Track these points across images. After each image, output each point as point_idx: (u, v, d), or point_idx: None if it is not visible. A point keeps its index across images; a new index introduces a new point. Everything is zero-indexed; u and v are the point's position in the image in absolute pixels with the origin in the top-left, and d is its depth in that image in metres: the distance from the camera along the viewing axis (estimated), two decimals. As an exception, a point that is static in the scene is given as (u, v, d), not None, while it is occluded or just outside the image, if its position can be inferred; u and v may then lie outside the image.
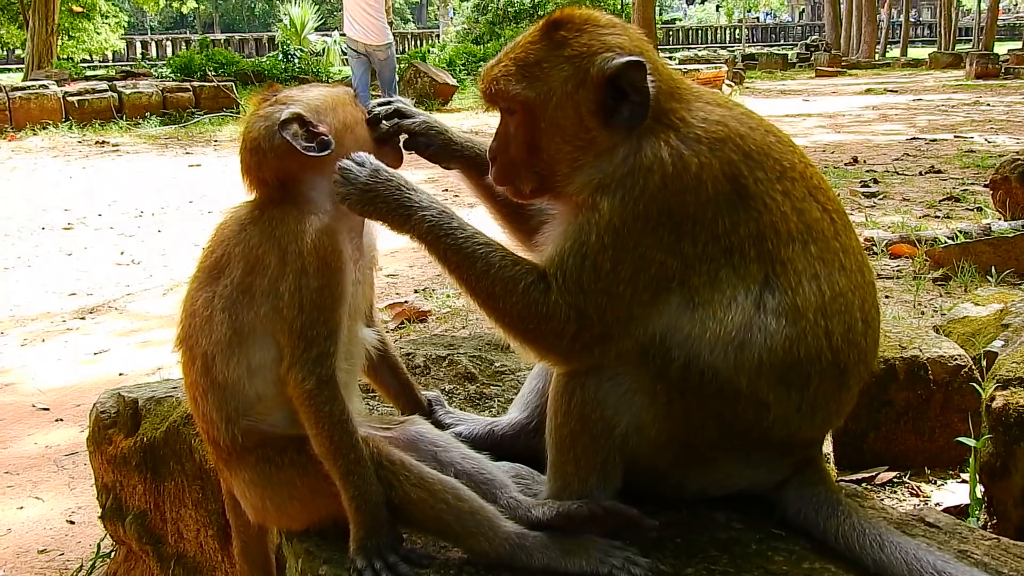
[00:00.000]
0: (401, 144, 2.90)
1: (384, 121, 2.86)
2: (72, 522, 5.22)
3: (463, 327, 7.73)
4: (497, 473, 2.62)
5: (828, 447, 3.59)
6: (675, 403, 2.40)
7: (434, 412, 3.04)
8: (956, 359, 4.89)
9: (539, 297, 2.40)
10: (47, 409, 6.83)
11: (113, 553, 4.59)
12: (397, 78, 21.51)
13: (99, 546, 4.70)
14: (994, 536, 2.63)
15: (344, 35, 20.22)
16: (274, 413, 2.53)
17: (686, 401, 2.40)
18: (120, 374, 7.44)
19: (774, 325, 2.38)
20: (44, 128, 22.94)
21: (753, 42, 72.08)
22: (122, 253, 11.34)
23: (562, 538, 2.41)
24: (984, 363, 4.53)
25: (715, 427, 2.44)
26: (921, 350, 4.91)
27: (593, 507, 2.42)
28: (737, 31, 71.09)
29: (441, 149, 2.97)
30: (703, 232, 2.39)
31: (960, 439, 4.13)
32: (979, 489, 4.04)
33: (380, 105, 2.91)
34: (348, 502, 2.40)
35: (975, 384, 4.41)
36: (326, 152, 2.56)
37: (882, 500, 2.97)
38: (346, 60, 38.27)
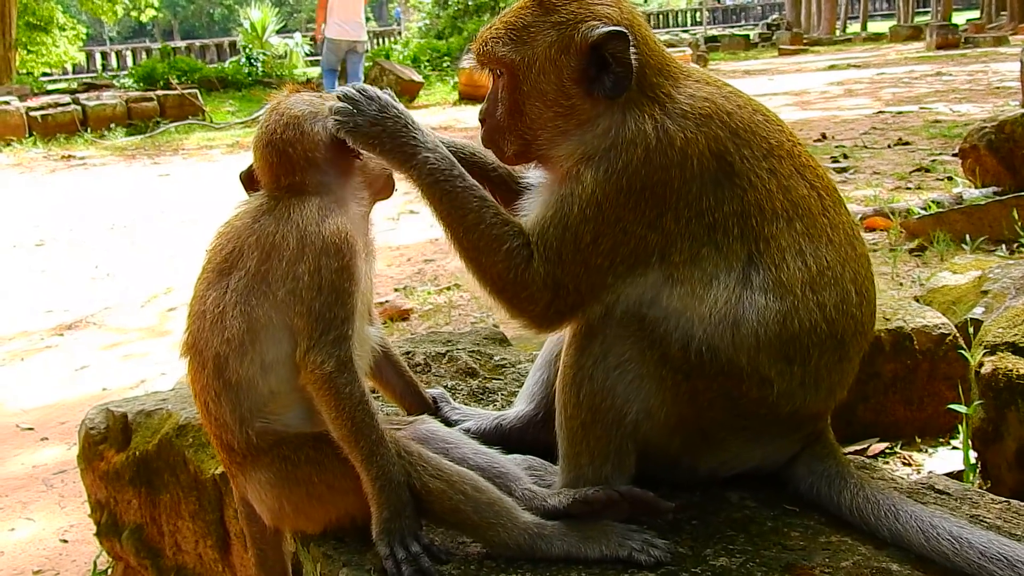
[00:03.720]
0: None
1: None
2: (65, 541, 5.19)
3: (447, 323, 7.73)
4: (510, 466, 2.62)
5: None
6: (681, 386, 2.42)
7: (440, 409, 3.04)
8: (940, 328, 4.92)
9: (520, 263, 2.44)
10: (31, 428, 6.79)
11: (110, 570, 4.56)
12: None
13: (95, 563, 4.67)
14: (1004, 500, 2.66)
15: (330, 38, 22.35)
16: (288, 411, 2.52)
17: (692, 383, 2.42)
18: (103, 389, 7.40)
19: (762, 301, 2.40)
20: (8, 145, 22.63)
21: (714, 24, 72.14)
22: (96, 267, 11.26)
23: (580, 525, 2.42)
24: (971, 330, 4.56)
25: (722, 407, 2.46)
26: (905, 321, 4.94)
27: (610, 492, 2.44)
28: (698, 13, 71.18)
29: None
30: (687, 208, 2.40)
31: (951, 406, 4.16)
32: (972, 455, 4.08)
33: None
34: (371, 483, 2.39)
35: (961, 352, 4.44)
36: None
37: (892, 472, 2.98)
38: (310, 62, 38.19)
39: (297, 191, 2.59)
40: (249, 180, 2.79)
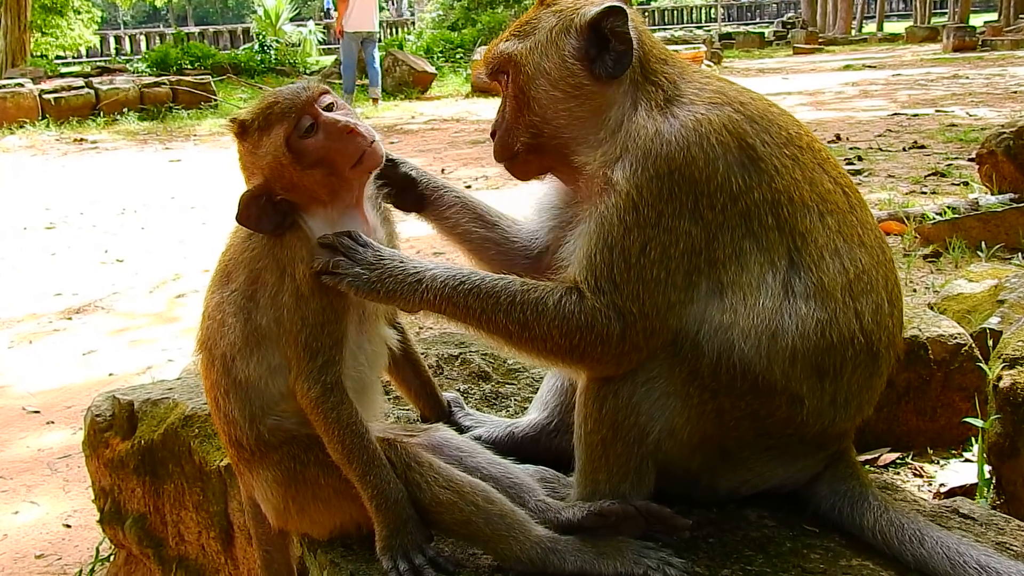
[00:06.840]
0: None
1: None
2: (69, 526, 5.17)
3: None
4: (524, 477, 2.58)
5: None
6: (708, 404, 2.36)
7: (453, 414, 3.01)
8: (956, 338, 4.85)
9: (574, 307, 2.33)
10: (38, 412, 6.78)
11: (112, 557, 4.53)
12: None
13: (98, 550, 4.65)
14: (1030, 526, 2.60)
15: (348, 31, 23.94)
16: (300, 412, 2.51)
17: (719, 402, 2.36)
18: (110, 374, 7.39)
19: (804, 309, 2.33)
20: (21, 127, 22.64)
21: (728, 21, 71.87)
22: (106, 251, 11.24)
23: (594, 540, 2.38)
24: (990, 342, 4.50)
25: (749, 426, 2.40)
26: (920, 329, 4.86)
27: (626, 506, 2.39)
28: (712, 10, 70.95)
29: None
30: (719, 191, 2.34)
31: (967, 419, 4.10)
32: (986, 469, 4.02)
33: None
34: (368, 502, 2.38)
35: (977, 363, 4.38)
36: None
37: (916, 492, 2.92)
38: (323, 51, 38.21)
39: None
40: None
